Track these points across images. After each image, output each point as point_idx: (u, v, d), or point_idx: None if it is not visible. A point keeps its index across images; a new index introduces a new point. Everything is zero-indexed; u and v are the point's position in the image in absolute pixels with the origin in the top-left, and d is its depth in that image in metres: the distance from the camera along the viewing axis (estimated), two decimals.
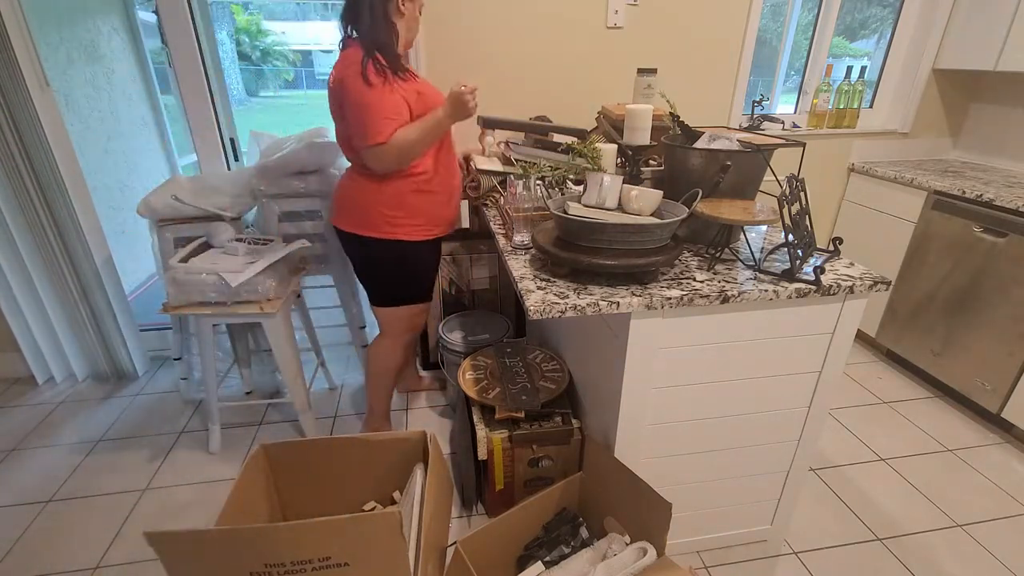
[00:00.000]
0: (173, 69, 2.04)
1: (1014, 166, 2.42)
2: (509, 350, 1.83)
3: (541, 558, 1.34)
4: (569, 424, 1.54)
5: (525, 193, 1.42)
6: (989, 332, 2.00)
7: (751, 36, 2.23)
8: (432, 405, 2.18)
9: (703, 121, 2.22)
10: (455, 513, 1.68)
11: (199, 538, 1.06)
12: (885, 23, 2.60)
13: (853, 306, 1.20)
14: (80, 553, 1.55)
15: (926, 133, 2.60)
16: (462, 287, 2.29)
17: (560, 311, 1.06)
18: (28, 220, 2.01)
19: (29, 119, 1.86)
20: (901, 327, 2.38)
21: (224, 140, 2.24)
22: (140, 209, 1.86)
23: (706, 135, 1.43)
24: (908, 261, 2.32)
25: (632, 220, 1.18)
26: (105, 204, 2.89)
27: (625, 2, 2.10)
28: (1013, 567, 1.51)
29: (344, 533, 1.08)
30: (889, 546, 1.57)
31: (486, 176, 1.78)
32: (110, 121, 3.01)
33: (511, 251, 1.36)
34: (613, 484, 1.34)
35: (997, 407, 2.00)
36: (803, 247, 1.22)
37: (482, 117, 1.81)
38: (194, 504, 1.72)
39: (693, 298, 1.10)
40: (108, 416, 2.13)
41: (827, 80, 2.45)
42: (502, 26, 2.06)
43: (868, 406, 2.20)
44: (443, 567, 1.37)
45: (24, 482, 1.80)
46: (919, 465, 1.88)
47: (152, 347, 2.50)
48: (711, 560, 1.52)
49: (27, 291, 2.14)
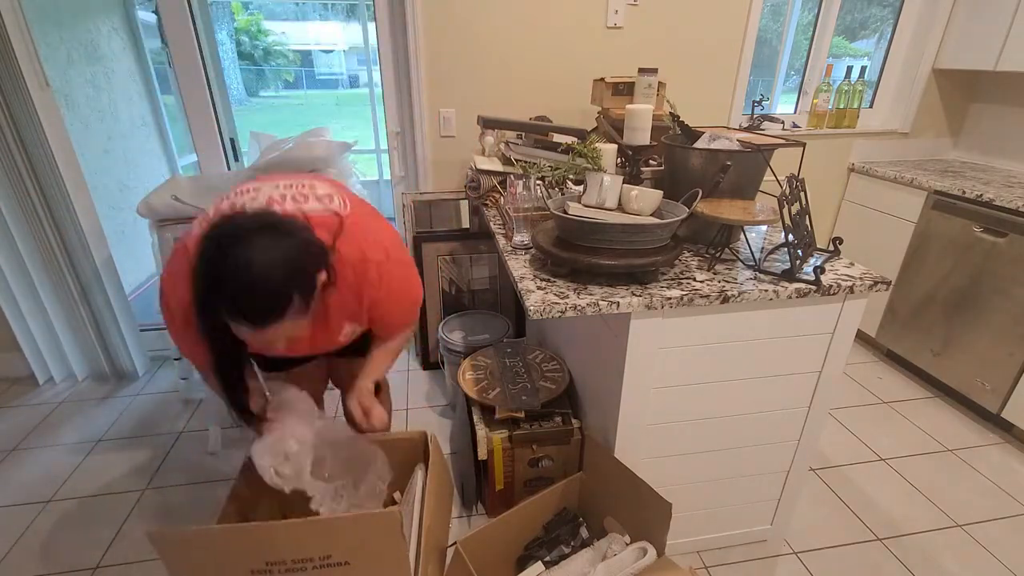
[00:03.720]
0: (173, 69, 2.04)
1: (1014, 166, 2.42)
2: (509, 350, 1.83)
3: (541, 558, 1.34)
4: (569, 424, 1.54)
5: (525, 193, 1.42)
6: (989, 332, 2.00)
7: (751, 36, 2.23)
8: (432, 405, 2.18)
9: (703, 121, 2.22)
10: (455, 513, 1.68)
11: (200, 537, 1.06)
12: (885, 23, 2.60)
13: (853, 306, 1.20)
14: (80, 553, 1.55)
15: (926, 133, 2.60)
16: (462, 287, 2.29)
17: (560, 311, 1.06)
18: (28, 220, 2.01)
19: (29, 119, 1.86)
20: (901, 327, 2.38)
21: (224, 140, 2.24)
22: (140, 209, 1.86)
23: (706, 135, 1.43)
24: (908, 261, 2.32)
25: (632, 220, 1.18)
26: (105, 204, 2.89)
27: (625, 2, 2.10)
28: (1013, 567, 1.51)
29: (345, 532, 1.08)
30: (889, 546, 1.57)
31: (486, 176, 1.78)
32: (110, 121, 3.01)
33: (511, 251, 1.36)
34: (613, 484, 1.34)
35: (997, 407, 2.00)
36: (803, 247, 1.22)
37: (482, 117, 1.81)
38: (194, 504, 1.72)
39: (693, 298, 1.10)
40: (108, 416, 2.13)
41: (827, 80, 2.45)
42: (502, 26, 2.06)
43: (868, 406, 2.20)
44: (443, 567, 1.37)
45: (24, 482, 1.80)
46: (919, 465, 1.88)
47: (152, 347, 2.50)
48: (711, 560, 1.52)
49: (27, 291, 2.14)
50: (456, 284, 2.27)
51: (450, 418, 2.11)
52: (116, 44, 3.08)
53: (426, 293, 2.25)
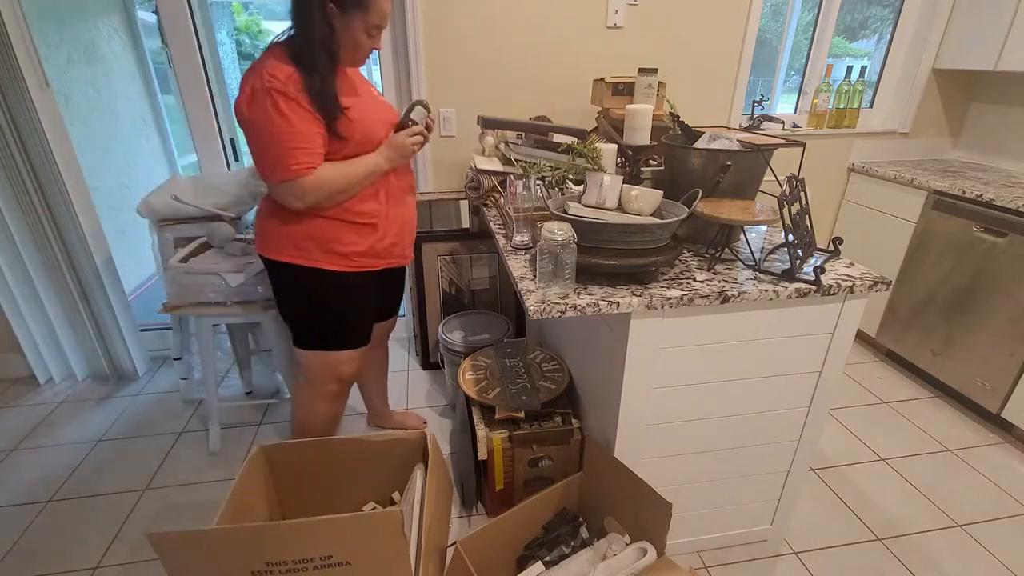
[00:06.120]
0: (173, 69, 2.04)
1: (1014, 166, 2.42)
2: (509, 350, 1.83)
3: (541, 558, 1.34)
4: (569, 424, 1.54)
5: (525, 193, 1.41)
6: (989, 332, 2.00)
7: (751, 36, 2.23)
8: (432, 405, 2.18)
9: (703, 121, 2.22)
10: (455, 513, 1.68)
11: (200, 538, 1.06)
12: (885, 23, 2.60)
13: (853, 306, 1.20)
14: (80, 553, 1.55)
15: (926, 133, 2.60)
16: (462, 287, 2.29)
17: (560, 311, 1.06)
18: (28, 220, 2.01)
19: (29, 119, 1.86)
20: (901, 327, 2.38)
21: (224, 140, 2.24)
22: (140, 209, 1.86)
23: (706, 135, 1.43)
24: (908, 261, 2.32)
25: (632, 220, 1.18)
26: (105, 204, 2.89)
27: (625, 2, 2.10)
28: (1013, 567, 1.51)
29: (346, 532, 1.08)
30: (889, 546, 1.57)
31: (486, 176, 1.77)
32: (110, 121, 3.01)
33: (511, 251, 1.36)
34: (613, 484, 1.34)
35: (997, 407, 2.00)
36: (803, 247, 1.22)
37: (482, 117, 1.81)
38: (194, 504, 1.72)
39: (693, 298, 1.10)
40: (108, 416, 2.13)
41: (827, 80, 2.45)
42: (502, 26, 2.06)
43: (868, 406, 2.20)
44: (443, 567, 1.37)
45: (24, 482, 1.80)
46: (919, 465, 1.88)
47: (152, 347, 2.50)
48: (711, 560, 1.52)
49: (27, 291, 2.14)
50: (456, 284, 2.27)
51: (450, 418, 2.11)
52: (116, 44, 3.08)
53: (426, 293, 2.25)
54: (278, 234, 1.33)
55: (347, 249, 1.35)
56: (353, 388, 1.66)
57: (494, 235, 1.51)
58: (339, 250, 1.34)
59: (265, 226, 1.35)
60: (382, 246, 1.41)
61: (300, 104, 1.15)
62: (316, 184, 1.22)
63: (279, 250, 1.34)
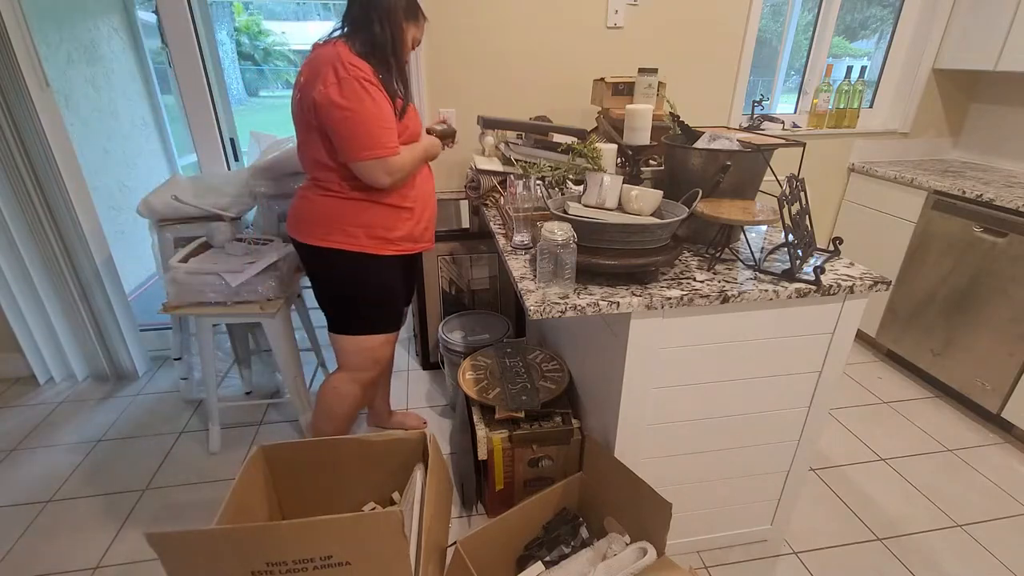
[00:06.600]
0: (173, 69, 2.04)
1: (1014, 166, 2.42)
2: (509, 350, 1.83)
3: (541, 558, 1.34)
4: (569, 424, 1.54)
5: (525, 193, 1.41)
6: (989, 332, 2.00)
7: (751, 36, 2.23)
8: (432, 405, 2.18)
9: (703, 121, 2.22)
10: (455, 513, 1.68)
11: (200, 538, 1.06)
12: (885, 23, 2.60)
13: (853, 306, 1.20)
14: (80, 553, 1.55)
15: (926, 133, 2.60)
16: (462, 287, 2.29)
17: (560, 311, 1.06)
18: (28, 220, 2.01)
19: (29, 119, 1.86)
20: (901, 327, 2.38)
21: (224, 140, 2.24)
22: (140, 209, 1.86)
23: (706, 135, 1.43)
24: (908, 261, 2.32)
25: (632, 220, 1.18)
26: (105, 204, 2.89)
27: (625, 2, 2.10)
28: (1013, 567, 1.51)
29: (346, 532, 1.08)
30: (889, 546, 1.57)
31: (486, 176, 1.78)
32: (110, 121, 3.01)
33: (511, 251, 1.36)
34: (613, 484, 1.34)
35: (997, 407, 2.00)
36: (803, 247, 1.22)
37: (482, 117, 1.81)
38: (194, 504, 1.72)
39: (693, 298, 1.10)
40: (108, 416, 2.13)
41: (827, 80, 2.45)
42: (502, 26, 2.06)
43: (868, 406, 2.20)
44: (443, 567, 1.37)
45: (24, 482, 1.80)
46: (919, 465, 1.88)
47: (152, 347, 2.50)
48: (711, 560, 1.52)
49: (27, 291, 2.14)
50: (456, 284, 2.27)
51: (450, 418, 2.11)
52: (116, 44, 3.08)
53: (426, 293, 2.25)
54: (328, 221, 1.40)
55: (392, 234, 1.44)
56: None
57: (494, 235, 1.51)
58: (384, 235, 1.43)
59: (314, 213, 1.41)
60: (418, 230, 1.51)
61: (382, 92, 1.27)
62: (402, 162, 1.34)
63: (326, 236, 1.40)
